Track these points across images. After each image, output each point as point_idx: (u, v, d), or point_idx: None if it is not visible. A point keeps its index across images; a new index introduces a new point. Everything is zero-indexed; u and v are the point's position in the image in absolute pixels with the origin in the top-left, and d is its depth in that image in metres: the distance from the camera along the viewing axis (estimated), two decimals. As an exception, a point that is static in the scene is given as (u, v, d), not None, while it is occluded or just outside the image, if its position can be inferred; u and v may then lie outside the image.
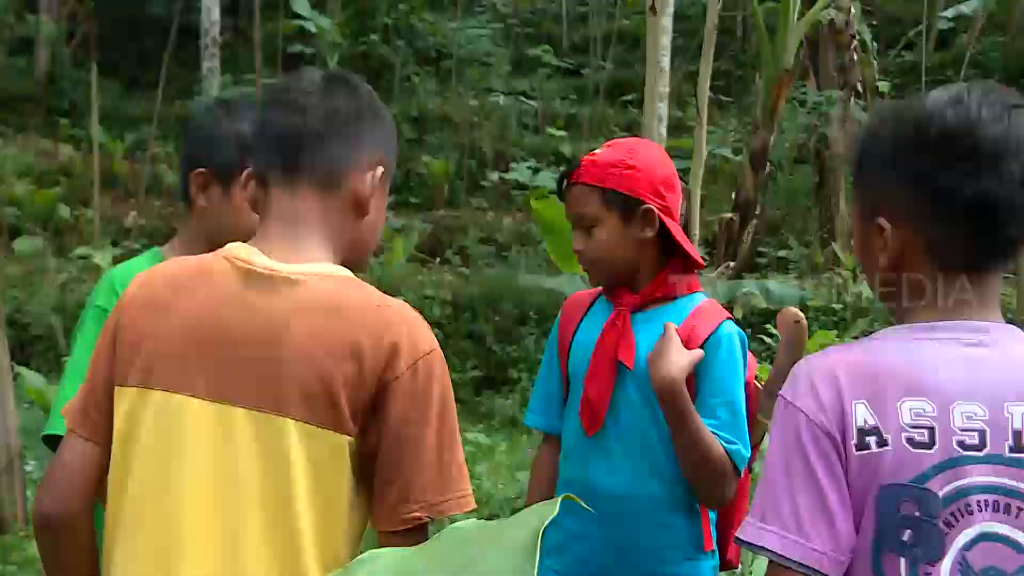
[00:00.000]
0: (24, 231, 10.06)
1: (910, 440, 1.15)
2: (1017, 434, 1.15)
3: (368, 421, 1.24)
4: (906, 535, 1.15)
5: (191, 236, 1.84)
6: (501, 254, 10.31)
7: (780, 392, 1.24)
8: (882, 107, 1.68)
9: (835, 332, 8.11)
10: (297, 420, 1.22)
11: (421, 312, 1.34)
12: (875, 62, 10.84)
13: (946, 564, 1.14)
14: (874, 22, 11.69)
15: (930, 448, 1.15)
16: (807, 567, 1.15)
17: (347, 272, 1.33)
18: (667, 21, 4.71)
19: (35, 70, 15.34)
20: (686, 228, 4.91)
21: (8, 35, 15.74)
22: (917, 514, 1.15)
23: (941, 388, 1.17)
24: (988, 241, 1.23)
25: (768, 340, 8.58)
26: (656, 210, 1.82)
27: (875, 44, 11.22)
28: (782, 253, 10.21)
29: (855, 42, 9.91)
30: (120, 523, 1.28)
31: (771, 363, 7.50)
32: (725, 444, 1.78)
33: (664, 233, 1.85)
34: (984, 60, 13.71)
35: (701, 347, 1.81)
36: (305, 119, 1.33)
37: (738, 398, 1.82)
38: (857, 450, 1.16)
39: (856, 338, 7.97)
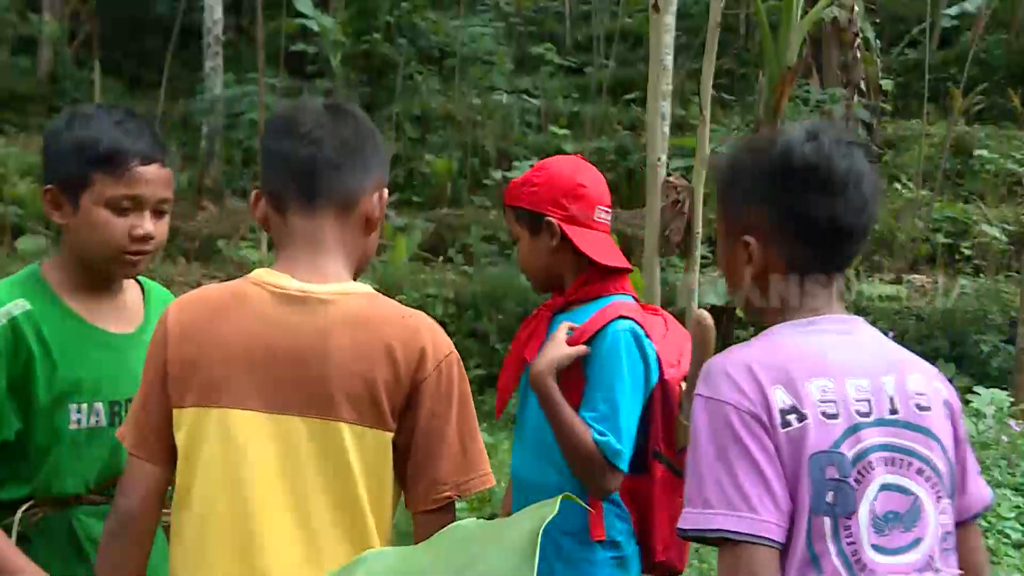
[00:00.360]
0: (27, 230, 10.07)
1: (823, 413, 1.36)
2: (891, 399, 1.40)
3: (403, 417, 1.43)
4: (829, 496, 1.33)
5: (65, 252, 1.77)
6: (504, 252, 10.30)
7: (697, 392, 1.40)
8: (743, 141, 2.06)
9: None
10: (348, 423, 1.40)
11: (424, 310, 1.51)
12: (878, 60, 10.81)
13: (860, 515, 1.34)
14: (877, 20, 11.65)
15: (837, 418, 1.36)
16: (760, 537, 1.30)
17: (368, 288, 1.50)
18: (670, 19, 4.69)
19: (38, 69, 15.36)
20: (689, 226, 4.88)
21: (11, 34, 15.75)
22: (836, 476, 1.34)
23: (835, 368, 1.39)
24: (835, 254, 1.48)
25: (770, 338, 8.62)
26: (556, 221, 1.97)
27: (878, 42, 11.18)
28: (785, 251, 10.28)
29: (858, 40, 9.88)
30: (188, 528, 1.44)
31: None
32: (596, 436, 1.86)
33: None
34: (988, 58, 13.65)
35: (588, 343, 1.91)
36: (321, 150, 1.47)
37: (619, 392, 1.87)
38: (782, 428, 1.35)
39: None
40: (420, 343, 1.43)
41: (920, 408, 1.42)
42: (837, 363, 1.40)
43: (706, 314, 1.81)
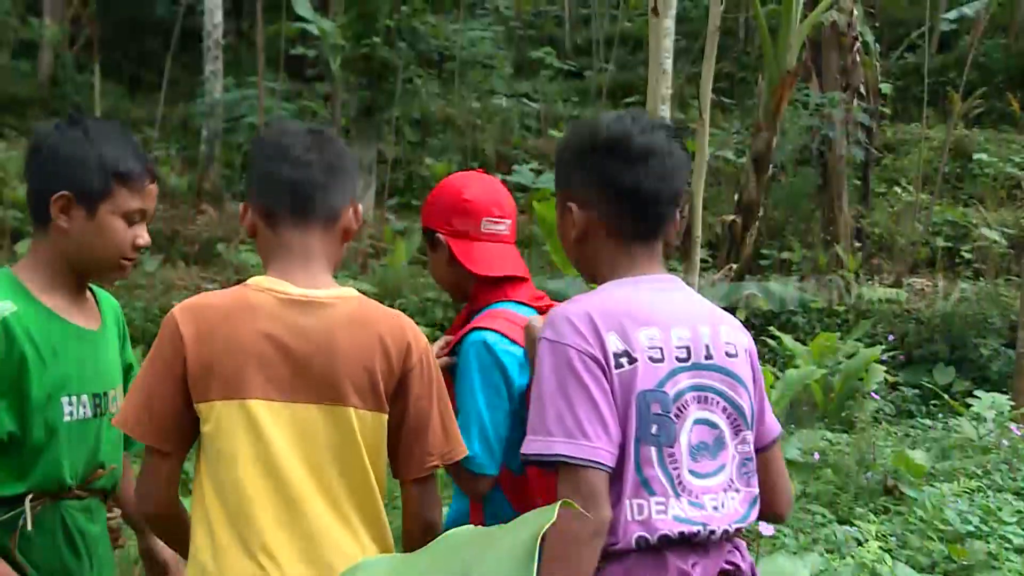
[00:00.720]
0: (27, 234, 10.07)
1: (650, 358, 1.59)
2: (706, 347, 1.65)
3: (394, 401, 1.67)
4: (654, 428, 1.57)
5: (48, 256, 1.83)
6: (503, 256, 10.30)
7: (543, 336, 1.61)
8: (574, 122, 2.18)
9: (838, 334, 8.12)
10: (355, 408, 1.64)
11: (423, 314, 1.91)
12: (877, 64, 10.80)
13: (680, 445, 1.60)
14: (876, 24, 11.64)
15: (662, 362, 1.60)
16: (593, 461, 1.52)
17: (356, 292, 1.73)
18: (669, 23, 4.68)
19: (38, 73, 15.38)
20: (689, 230, 4.89)
21: (11, 38, 15.76)
22: (660, 412, 1.58)
23: (661, 319, 1.63)
24: (646, 219, 1.70)
25: (771, 342, 8.56)
26: (443, 237, 2.09)
27: (877, 46, 11.17)
28: (785, 255, 10.21)
29: (857, 44, 9.86)
30: (218, 503, 1.61)
31: (773, 366, 7.46)
32: None
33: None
34: (986, 62, 13.65)
35: (453, 354, 2.01)
36: (311, 173, 1.70)
37: (469, 401, 1.92)
38: (615, 369, 1.56)
39: (858, 340, 7.97)
40: (406, 338, 1.68)
41: (729, 355, 1.67)
42: (663, 315, 1.64)
43: (536, 321, 1.81)
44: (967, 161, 11.91)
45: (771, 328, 8.53)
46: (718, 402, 1.64)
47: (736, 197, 9.09)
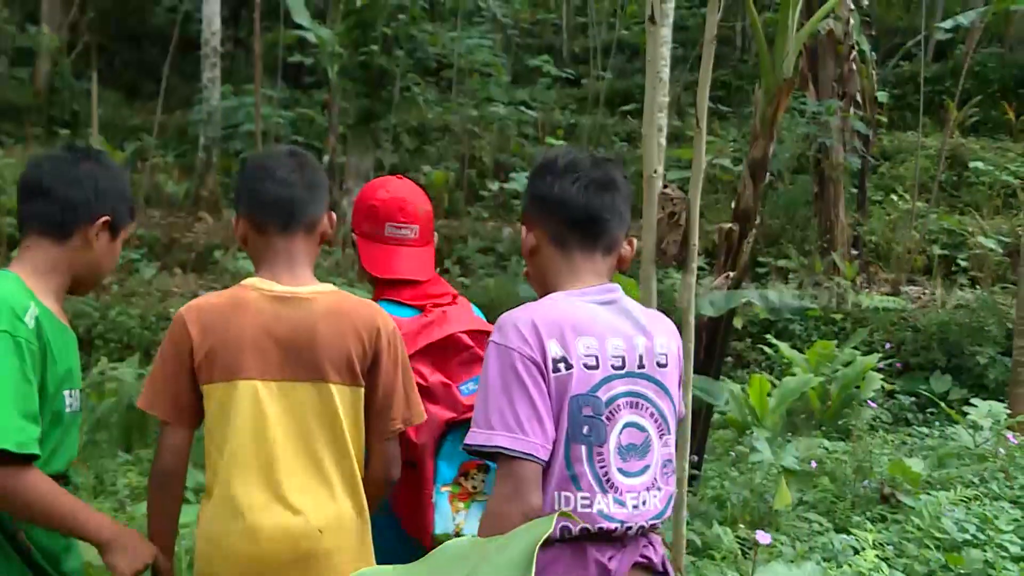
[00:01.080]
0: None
1: (586, 365, 1.76)
2: (640, 356, 1.82)
3: (368, 376, 2.01)
4: (585, 429, 1.74)
5: (61, 266, 2.00)
6: (501, 264, 10.30)
7: (491, 339, 1.78)
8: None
9: (835, 342, 8.10)
10: (337, 383, 1.98)
11: None
12: (874, 72, 10.80)
13: (609, 445, 1.76)
14: (873, 32, 11.66)
15: (597, 369, 1.76)
16: (529, 454, 1.68)
17: (334, 287, 2.07)
18: (666, 31, 4.67)
19: (36, 81, 15.37)
20: (686, 238, 4.87)
21: (9, 46, 15.77)
22: (591, 414, 1.75)
23: (598, 330, 1.79)
24: (580, 230, 1.88)
25: (767, 350, 8.55)
26: (356, 237, 2.34)
27: (874, 54, 11.18)
28: (782, 263, 10.21)
29: (854, 52, 9.86)
30: (226, 466, 1.95)
31: (771, 373, 7.40)
32: None
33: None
34: (982, 71, 13.66)
35: None
36: (295, 191, 2.03)
37: None
38: (553, 372, 1.73)
39: (855, 348, 7.97)
40: (376, 323, 2.01)
41: (660, 365, 1.85)
42: (601, 326, 1.80)
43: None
44: (963, 169, 11.91)
45: (768, 336, 8.51)
46: (647, 408, 1.83)
47: (733, 205, 9.08)
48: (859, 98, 10.05)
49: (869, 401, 6.87)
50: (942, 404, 6.98)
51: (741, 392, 6.82)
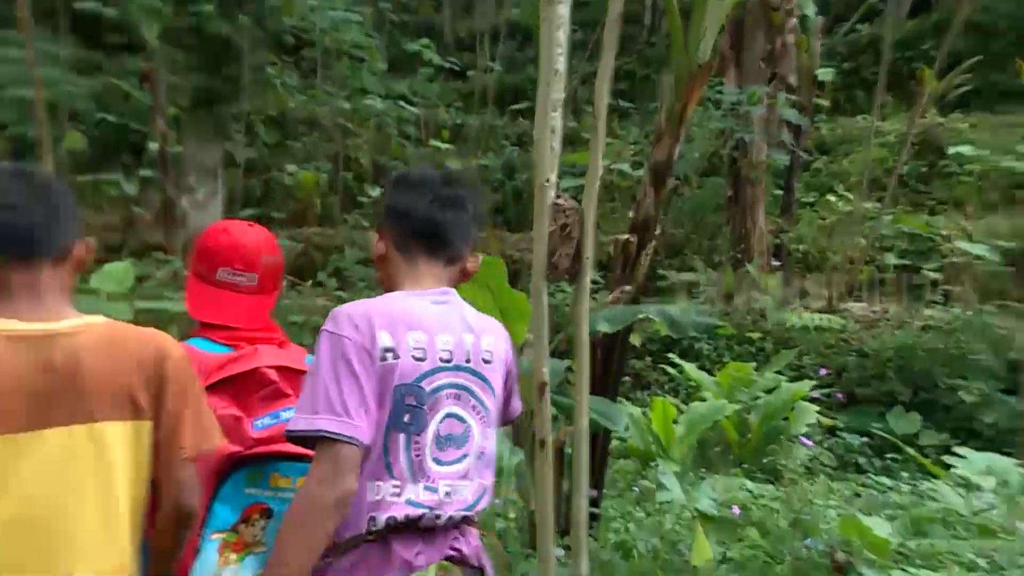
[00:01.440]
0: None
1: (414, 356, 1.95)
2: (467, 352, 2.03)
3: (155, 407, 1.91)
4: (406, 417, 1.92)
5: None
6: (380, 276, 9.32)
7: (324, 328, 1.92)
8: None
9: (754, 364, 7.11)
10: (112, 421, 1.85)
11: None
12: (818, 43, 9.17)
13: (427, 434, 1.95)
14: (821, -10, 9.31)
15: (424, 361, 1.95)
16: (352, 438, 1.83)
17: (103, 319, 1.91)
18: (564, 10, 3.76)
19: None
20: (579, 251, 4.12)
21: None
22: (414, 403, 1.93)
23: (429, 326, 1.99)
24: (423, 239, 2.07)
25: (671, 370, 7.77)
26: (189, 275, 2.33)
27: (821, 18, 9.40)
28: (685, 275, 9.36)
29: (793, 20, 8.63)
30: None
31: (675, 396, 6.59)
32: None
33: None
34: (987, 22, 10.31)
35: None
36: (31, 216, 1.85)
37: None
38: (381, 361, 1.90)
39: (779, 372, 7.24)
40: (160, 350, 1.90)
41: (485, 361, 2.04)
42: (432, 322, 1.98)
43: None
44: (937, 157, 9.73)
45: (671, 354, 7.79)
46: (470, 400, 2.00)
47: (632, 214, 8.24)
48: (793, 79, 8.74)
49: (802, 438, 5.97)
50: (908, 450, 5.83)
51: (643, 416, 6.16)
